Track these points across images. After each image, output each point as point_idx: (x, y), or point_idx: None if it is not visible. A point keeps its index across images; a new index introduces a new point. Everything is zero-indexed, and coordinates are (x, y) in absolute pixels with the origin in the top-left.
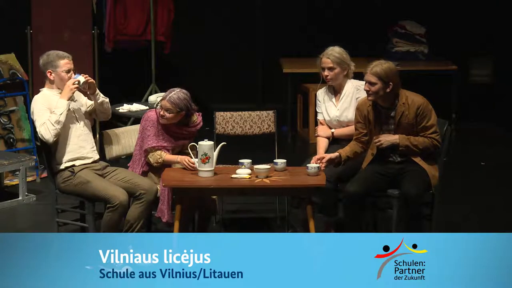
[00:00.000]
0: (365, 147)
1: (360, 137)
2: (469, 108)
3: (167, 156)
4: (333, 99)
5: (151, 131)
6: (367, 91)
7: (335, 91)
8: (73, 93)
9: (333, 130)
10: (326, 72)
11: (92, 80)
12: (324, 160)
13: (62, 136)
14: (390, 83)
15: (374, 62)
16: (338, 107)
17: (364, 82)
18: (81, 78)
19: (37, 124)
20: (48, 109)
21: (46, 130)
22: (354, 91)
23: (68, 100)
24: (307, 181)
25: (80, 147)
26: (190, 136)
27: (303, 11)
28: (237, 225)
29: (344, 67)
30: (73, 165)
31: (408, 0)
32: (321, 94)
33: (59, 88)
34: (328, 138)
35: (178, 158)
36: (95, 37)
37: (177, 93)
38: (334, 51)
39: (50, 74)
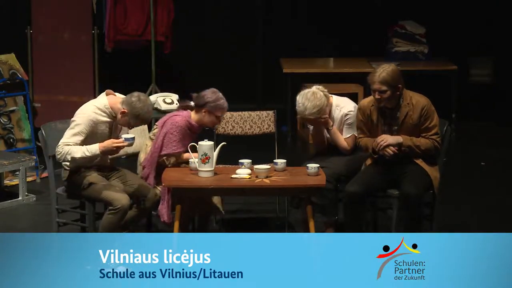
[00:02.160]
0: None
1: (364, 137)
2: (469, 108)
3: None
4: None
5: (177, 136)
6: (378, 99)
7: None
8: (111, 152)
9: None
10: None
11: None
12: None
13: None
14: (399, 85)
15: (378, 69)
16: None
17: (374, 90)
18: (130, 141)
19: (66, 133)
20: (89, 132)
21: (63, 152)
22: (336, 111)
23: (100, 153)
24: (307, 181)
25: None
26: None
27: (303, 11)
28: (237, 225)
29: (325, 110)
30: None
31: (408, 0)
32: None
33: (114, 112)
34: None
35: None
36: (95, 37)
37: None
38: (310, 108)
39: (123, 113)
